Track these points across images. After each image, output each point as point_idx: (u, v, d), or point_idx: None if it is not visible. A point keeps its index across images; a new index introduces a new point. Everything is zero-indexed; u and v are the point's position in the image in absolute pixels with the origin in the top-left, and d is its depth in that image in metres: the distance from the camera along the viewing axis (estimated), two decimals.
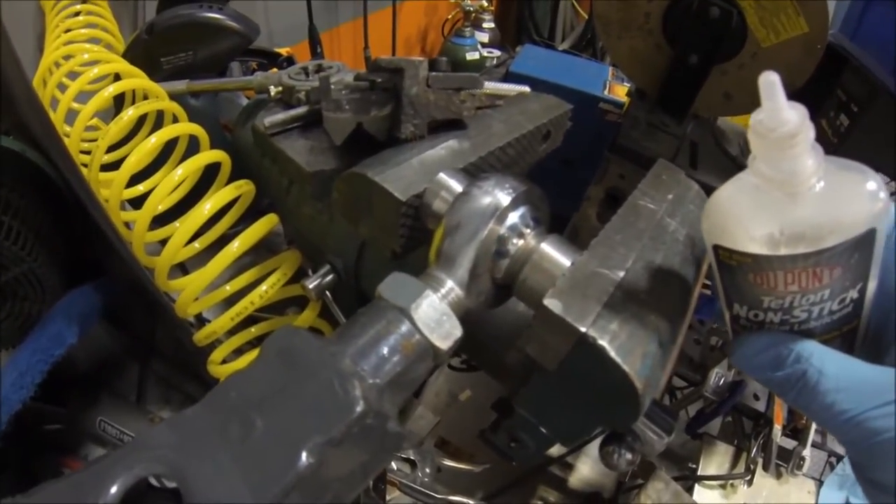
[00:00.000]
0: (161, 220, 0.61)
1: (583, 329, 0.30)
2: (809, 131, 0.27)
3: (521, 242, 0.36)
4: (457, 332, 0.31)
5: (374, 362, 0.27)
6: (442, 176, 0.37)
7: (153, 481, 0.26)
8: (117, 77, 0.67)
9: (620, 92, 1.21)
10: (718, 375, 1.02)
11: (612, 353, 0.30)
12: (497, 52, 1.90)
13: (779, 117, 0.26)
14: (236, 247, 0.52)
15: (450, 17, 2.15)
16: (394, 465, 0.87)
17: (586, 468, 1.47)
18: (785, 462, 1.05)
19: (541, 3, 2.41)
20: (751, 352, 0.31)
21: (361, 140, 0.45)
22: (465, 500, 0.89)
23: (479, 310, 0.35)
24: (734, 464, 1.08)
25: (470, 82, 0.46)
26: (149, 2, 1.23)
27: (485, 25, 2.02)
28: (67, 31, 0.81)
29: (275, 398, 0.25)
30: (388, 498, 1.30)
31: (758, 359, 0.31)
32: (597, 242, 0.36)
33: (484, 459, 1.15)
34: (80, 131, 0.64)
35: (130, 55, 0.74)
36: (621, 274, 0.34)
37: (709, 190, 0.91)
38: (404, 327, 0.30)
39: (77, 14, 0.87)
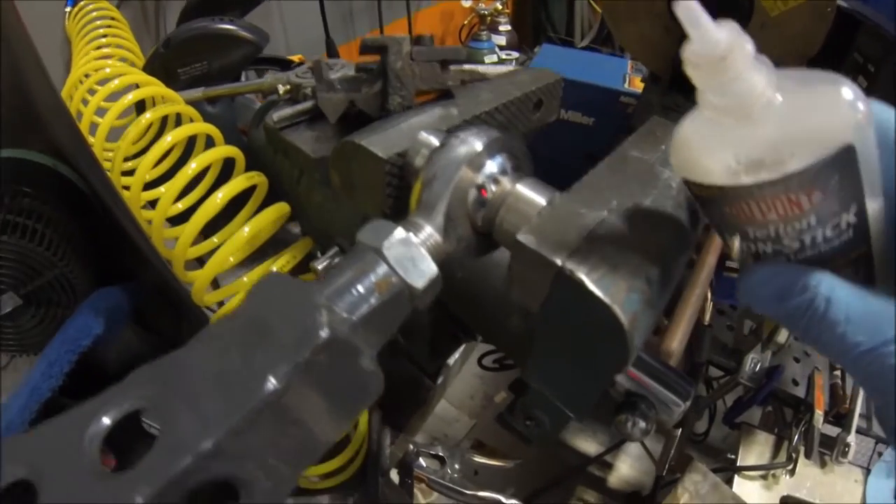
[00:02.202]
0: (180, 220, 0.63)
1: (558, 262, 0.29)
2: (746, 45, 0.25)
3: (497, 188, 0.36)
4: (432, 271, 0.31)
5: (346, 299, 0.27)
6: (423, 134, 0.38)
7: (149, 428, 0.28)
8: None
9: (640, 84, 1.20)
10: (754, 361, 0.99)
11: (591, 285, 0.29)
12: (515, 54, 1.90)
13: (708, 40, 0.25)
14: (247, 231, 0.53)
15: (466, 22, 2.16)
16: (422, 461, 0.87)
17: (625, 467, 1.44)
18: (829, 450, 1.02)
19: (556, 3, 2.41)
20: (755, 283, 0.30)
21: (360, 122, 0.46)
22: (495, 495, 0.88)
23: (460, 256, 0.35)
24: (775, 453, 1.04)
25: (453, 54, 0.47)
26: (169, 24, 1.27)
27: (501, 28, 2.02)
28: (94, 48, 0.85)
29: (250, 332, 0.26)
30: (425, 501, 1.30)
31: (762, 290, 0.29)
32: (578, 185, 0.36)
33: (520, 457, 1.14)
34: (103, 140, 0.67)
35: (149, 69, 0.77)
36: (604, 213, 0.33)
37: None
38: (378, 266, 0.30)
39: (102, 37, 0.91)
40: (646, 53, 0.88)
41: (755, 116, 0.25)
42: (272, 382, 0.24)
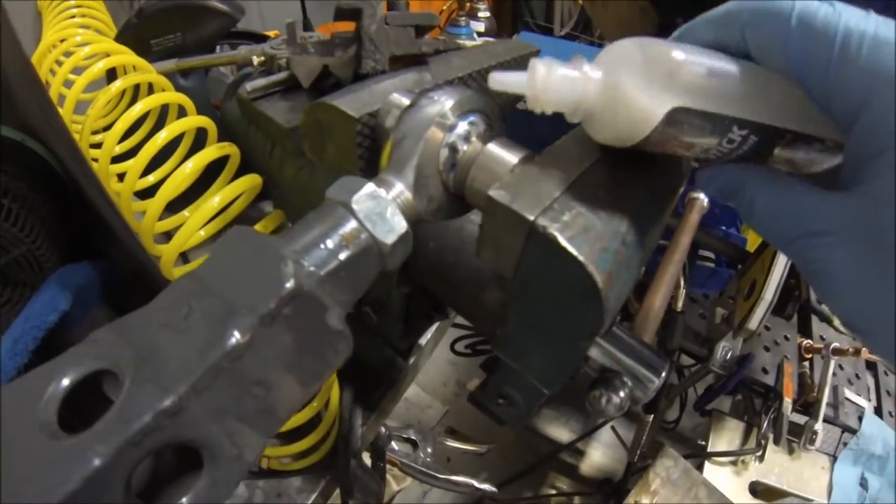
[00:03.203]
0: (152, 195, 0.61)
1: (531, 217, 0.28)
2: (538, 68, 0.29)
3: (468, 147, 0.35)
4: (401, 227, 0.30)
5: (313, 253, 0.26)
6: (394, 94, 0.37)
7: (110, 393, 0.27)
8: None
9: None
10: (725, 349, 1.01)
11: (564, 241, 0.28)
12: (493, 41, 1.90)
13: (536, 93, 0.29)
14: (217, 201, 0.52)
15: (445, 7, 2.15)
16: (395, 445, 0.86)
17: (598, 454, 1.46)
18: (797, 437, 1.04)
19: None
20: (704, 182, 0.33)
21: (334, 90, 0.45)
22: (467, 480, 0.88)
23: (432, 216, 0.34)
24: (745, 440, 1.07)
25: (426, 19, 0.47)
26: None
27: (480, 15, 2.02)
28: (65, 18, 0.82)
29: (213, 286, 0.25)
30: (398, 487, 1.29)
31: (710, 189, 0.33)
32: (553, 146, 0.35)
33: (492, 442, 1.14)
34: (71, 112, 0.64)
35: (121, 40, 0.74)
36: (578, 173, 0.32)
37: None
38: (346, 220, 0.29)
39: (74, 8, 0.89)
40: (623, 36, 0.88)
41: (592, 109, 0.30)
42: (235, 336, 0.23)
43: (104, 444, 0.22)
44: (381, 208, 0.30)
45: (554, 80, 0.29)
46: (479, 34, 1.94)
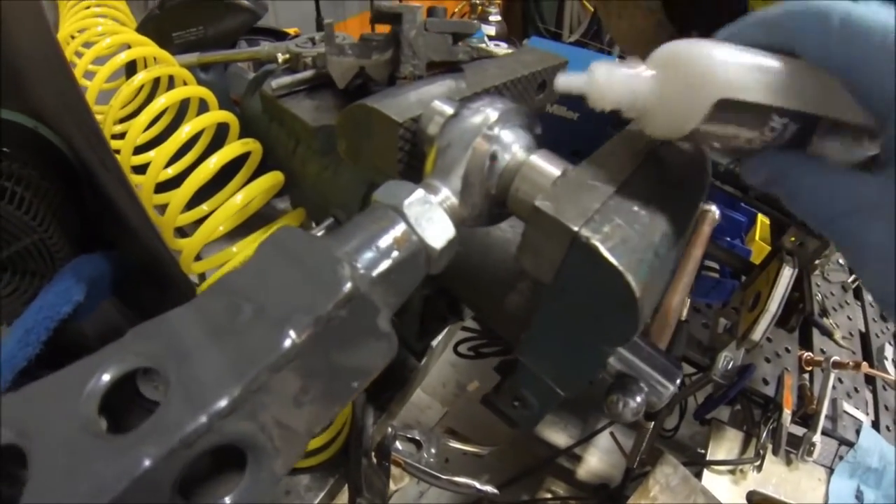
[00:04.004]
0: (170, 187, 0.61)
1: (575, 228, 0.30)
2: (597, 70, 0.32)
3: (511, 157, 0.36)
4: (449, 232, 0.30)
5: (365, 255, 0.27)
6: (437, 102, 0.37)
7: (145, 392, 0.26)
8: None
9: None
10: (727, 359, 1.01)
11: (606, 252, 0.29)
12: (504, 46, 1.91)
13: (598, 92, 0.31)
14: (240, 199, 0.52)
15: (456, 10, 2.17)
16: (399, 445, 0.87)
17: (595, 459, 1.47)
18: (795, 449, 1.04)
19: None
20: (748, 172, 0.35)
21: (362, 94, 0.45)
22: (469, 481, 0.88)
23: (474, 222, 0.35)
24: (743, 449, 1.07)
25: (465, 27, 0.47)
26: None
27: (491, 19, 2.04)
28: (83, 8, 0.82)
29: (264, 284, 0.25)
30: (395, 486, 1.30)
31: (755, 178, 0.34)
32: (591, 158, 0.36)
33: (494, 444, 1.15)
34: (93, 101, 0.64)
35: (143, 31, 0.74)
36: (615, 187, 0.34)
37: (713, 165, 0.90)
38: (396, 223, 0.29)
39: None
40: (638, 48, 0.88)
41: (646, 104, 0.32)
42: (292, 336, 0.23)
43: (156, 445, 0.22)
44: (430, 213, 0.30)
45: (614, 78, 0.32)
46: (490, 38, 1.94)
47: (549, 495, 1.41)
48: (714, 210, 0.77)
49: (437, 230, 0.30)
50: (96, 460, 0.21)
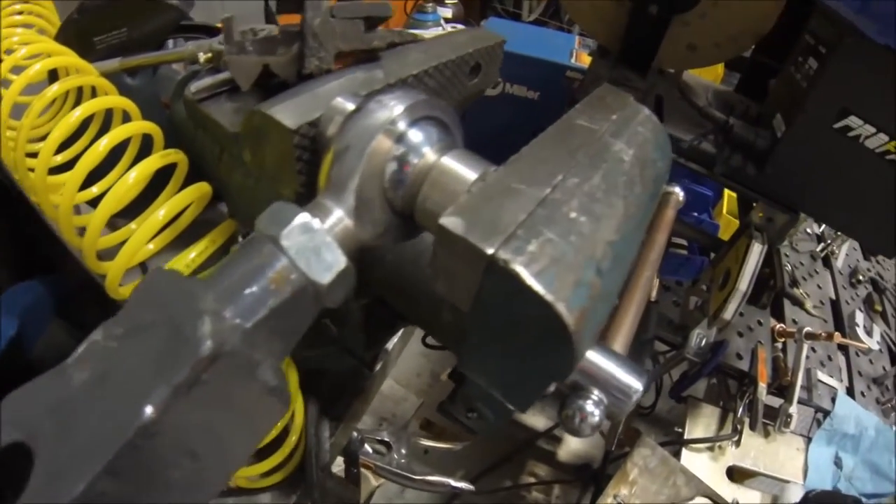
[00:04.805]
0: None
1: (489, 251, 0.24)
2: None
3: (419, 160, 0.31)
4: (339, 264, 0.26)
5: (238, 302, 0.23)
6: (338, 100, 0.32)
7: None
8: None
9: (587, 60, 1.18)
10: (700, 336, 1.00)
11: (530, 279, 0.24)
12: (461, 27, 1.86)
13: None
14: (161, 215, 0.48)
15: None
16: (368, 447, 0.84)
17: (575, 440, 1.46)
18: (772, 421, 1.04)
19: None
20: None
21: (281, 91, 0.41)
22: (444, 479, 0.86)
23: (377, 243, 0.31)
24: (721, 425, 1.06)
25: (378, 10, 0.42)
26: None
27: (448, 1, 1.98)
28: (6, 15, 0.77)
29: (131, 345, 0.22)
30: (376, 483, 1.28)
31: None
32: (516, 158, 0.31)
33: (468, 438, 1.13)
34: (6, 115, 0.60)
35: (62, 37, 0.70)
36: (546, 191, 0.28)
37: (675, 142, 0.88)
38: (275, 259, 0.25)
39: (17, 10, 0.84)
40: (596, 26, 0.85)
41: None
42: (148, 411, 0.20)
43: None
44: (315, 242, 0.26)
45: None
46: (447, 20, 1.90)
47: (531, 479, 1.40)
48: (678, 192, 0.74)
49: (325, 263, 0.26)
50: None
